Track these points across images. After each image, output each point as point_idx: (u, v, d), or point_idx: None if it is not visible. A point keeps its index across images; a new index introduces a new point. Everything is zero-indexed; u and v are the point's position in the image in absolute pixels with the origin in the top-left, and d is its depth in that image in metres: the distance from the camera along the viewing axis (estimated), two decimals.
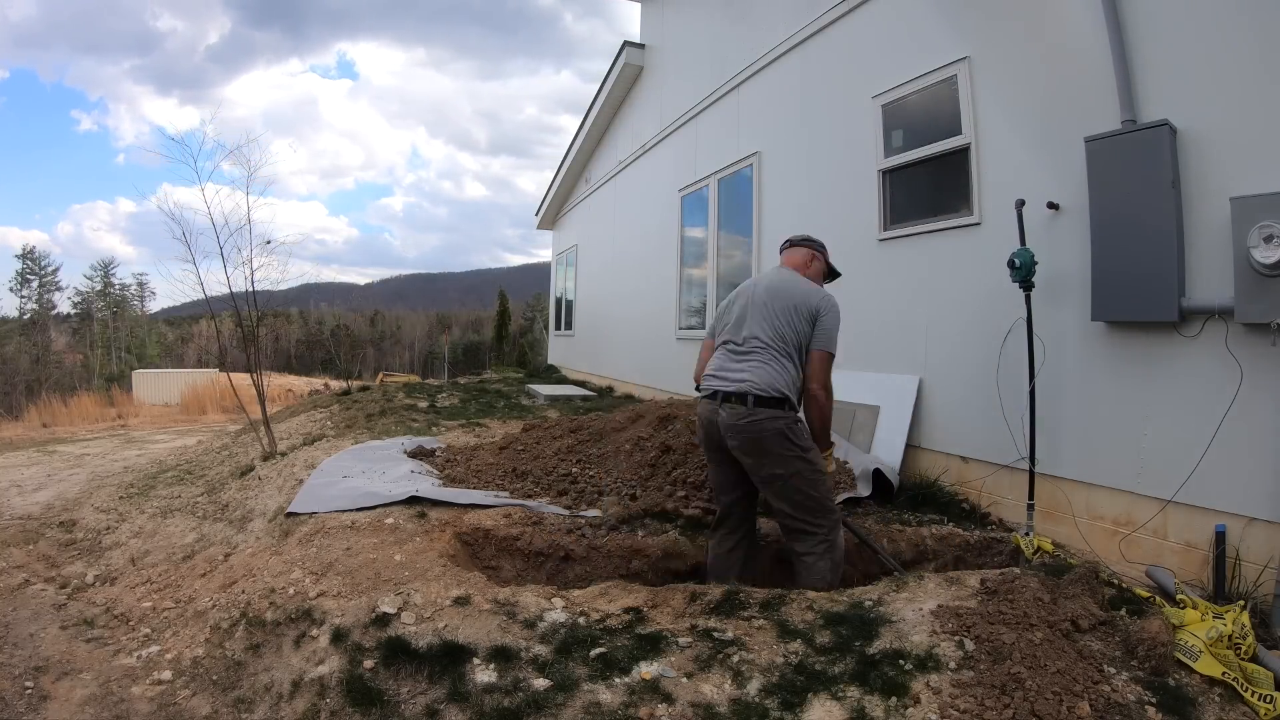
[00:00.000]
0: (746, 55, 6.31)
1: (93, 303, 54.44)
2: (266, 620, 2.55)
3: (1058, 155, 3.32)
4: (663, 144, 8.44)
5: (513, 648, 2.13)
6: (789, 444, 2.70)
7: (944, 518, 3.53)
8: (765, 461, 2.72)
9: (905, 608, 2.25)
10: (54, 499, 5.24)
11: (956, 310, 3.94)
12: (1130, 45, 2.99)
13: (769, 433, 2.69)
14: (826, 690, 1.88)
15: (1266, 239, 2.40)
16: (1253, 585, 2.51)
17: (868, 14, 4.76)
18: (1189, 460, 2.73)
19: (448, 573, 2.70)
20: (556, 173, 12.79)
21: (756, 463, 2.74)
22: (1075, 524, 3.20)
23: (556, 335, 14.06)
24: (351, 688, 2.06)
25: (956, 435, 3.94)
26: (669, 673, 1.99)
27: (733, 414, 2.73)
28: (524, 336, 42.36)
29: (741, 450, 2.75)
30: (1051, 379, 3.31)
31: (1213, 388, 2.68)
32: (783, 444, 2.70)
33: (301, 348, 61.68)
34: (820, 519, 2.75)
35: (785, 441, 2.70)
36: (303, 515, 3.45)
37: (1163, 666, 1.96)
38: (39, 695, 2.36)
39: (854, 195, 4.76)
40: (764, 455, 2.72)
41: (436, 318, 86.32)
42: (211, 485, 5.05)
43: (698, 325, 7.28)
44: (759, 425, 2.69)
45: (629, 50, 9.17)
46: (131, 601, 3.06)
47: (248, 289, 5.69)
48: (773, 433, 2.69)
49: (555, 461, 4.23)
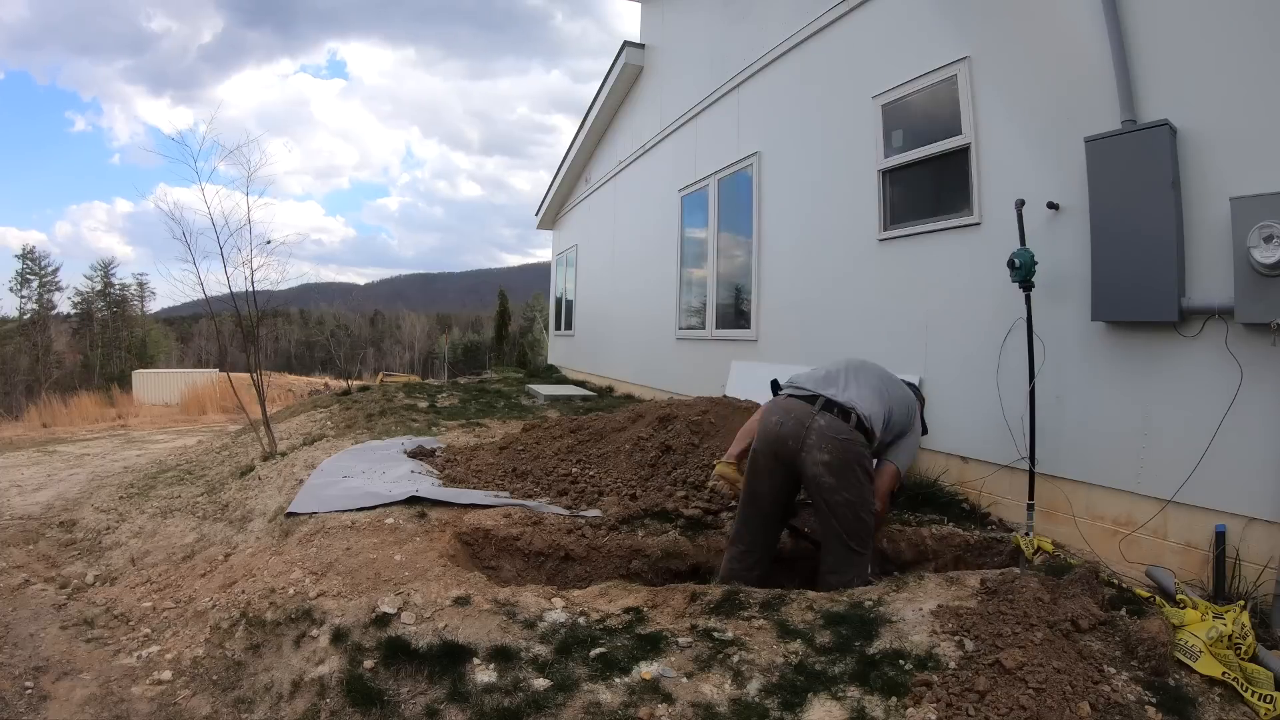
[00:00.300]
0: (747, 55, 6.31)
1: (93, 303, 54.43)
2: (266, 620, 2.55)
3: (1058, 155, 3.32)
4: (663, 144, 8.44)
5: (513, 648, 2.14)
6: (864, 474, 2.69)
7: (944, 518, 3.53)
8: (845, 484, 2.64)
9: (905, 608, 2.25)
10: (54, 499, 5.24)
11: (956, 310, 3.94)
12: (1130, 45, 2.99)
13: (857, 457, 2.67)
14: (827, 690, 1.88)
15: (1266, 239, 2.39)
16: (1253, 585, 2.51)
17: (868, 14, 4.76)
18: (1189, 460, 2.73)
19: (448, 573, 2.70)
20: (556, 173, 12.79)
21: (837, 483, 2.63)
22: (1075, 524, 3.20)
23: (556, 335, 14.06)
24: (351, 688, 2.06)
25: (956, 435, 3.93)
26: (669, 673, 1.99)
27: (833, 425, 2.66)
28: (524, 337, 42.37)
29: (829, 466, 2.62)
30: (1051, 379, 3.30)
31: (1213, 388, 2.68)
32: (864, 471, 2.69)
33: (301, 348, 61.70)
34: (867, 546, 2.73)
35: (865, 469, 2.70)
36: (303, 515, 3.45)
37: (1163, 666, 1.96)
38: (39, 695, 2.36)
39: (854, 195, 4.76)
40: (847, 476, 2.64)
41: (436, 318, 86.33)
42: (211, 485, 5.05)
43: (698, 325, 7.28)
44: (852, 445, 2.65)
45: (629, 50, 9.17)
46: (131, 601, 3.06)
47: (248, 289, 5.69)
48: (860, 458, 2.68)
49: (555, 461, 4.23)
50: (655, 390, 7.87)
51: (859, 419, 2.67)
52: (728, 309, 6.77)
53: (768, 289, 6.00)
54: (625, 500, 3.66)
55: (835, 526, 2.67)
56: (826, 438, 2.64)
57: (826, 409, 2.69)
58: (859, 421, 2.68)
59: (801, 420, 2.69)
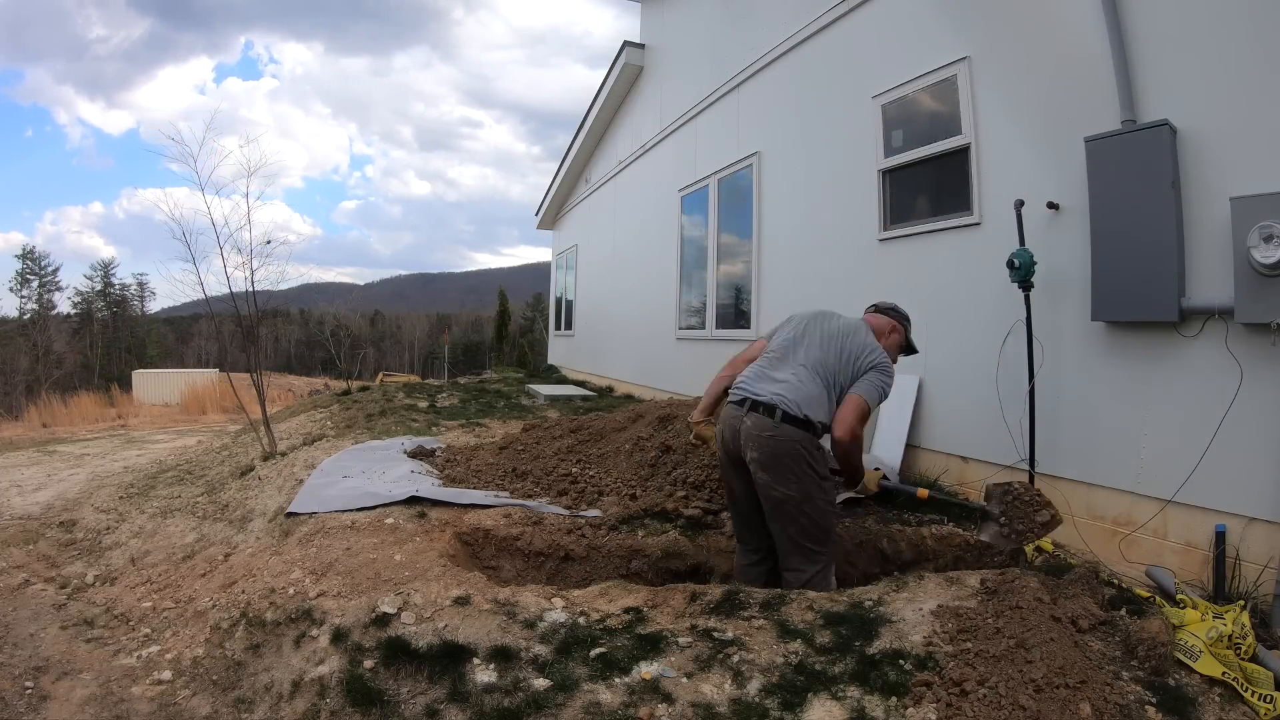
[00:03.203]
0: (746, 55, 6.31)
1: (93, 303, 54.44)
2: (266, 620, 2.55)
3: (1058, 155, 3.32)
4: (663, 144, 8.44)
5: (513, 648, 2.13)
6: (806, 467, 2.64)
7: (944, 518, 3.53)
8: (779, 480, 2.63)
9: (905, 608, 2.25)
10: (54, 499, 5.23)
11: (956, 310, 3.94)
12: (1130, 45, 2.99)
13: (788, 451, 2.62)
14: (827, 690, 1.88)
15: (1266, 239, 2.40)
16: (1253, 585, 2.51)
17: (868, 14, 4.76)
18: (1189, 460, 2.73)
19: (448, 573, 2.70)
20: (556, 173, 12.79)
21: (771, 479, 2.64)
22: (1075, 524, 3.20)
23: (556, 335, 14.06)
24: (351, 688, 2.06)
25: (956, 435, 3.93)
26: (669, 673, 1.99)
27: (757, 424, 2.66)
28: (524, 336, 42.37)
29: (759, 464, 2.65)
30: (1051, 379, 3.31)
31: (1213, 388, 2.68)
32: (799, 465, 2.63)
33: (301, 348, 61.69)
34: (824, 546, 2.70)
35: (802, 463, 2.63)
36: (303, 515, 3.45)
37: (1163, 666, 1.96)
38: (39, 695, 2.36)
39: (854, 195, 4.76)
40: (779, 472, 2.63)
41: (436, 318, 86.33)
42: (211, 485, 5.05)
43: (697, 325, 7.28)
44: (779, 441, 2.62)
45: (629, 50, 9.17)
46: (131, 601, 3.06)
47: (247, 289, 5.69)
48: (791, 452, 2.62)
49: (555, 461, 4.23)
50: (655, 390, 7.87)
51: (783, 413, 2.64)
52: (728, 309, 6.77)
53: (768, 289, 6.00)
54: (625, 500, 3.66)
55: (780, 523, 2.68)
56: (753, 437, 2.66)
57: (753, 409, 2.69)
58: (784, 415, 2.63)
59: (734, 426, 2.74)
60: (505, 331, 27.80)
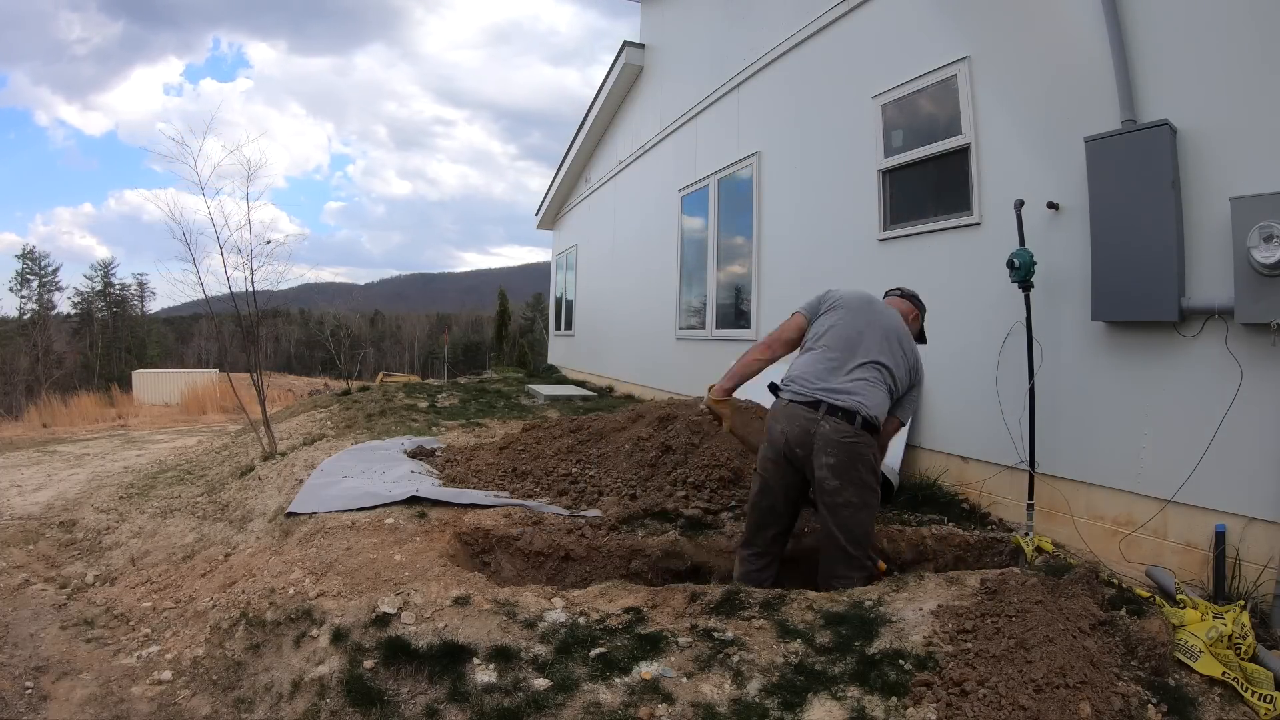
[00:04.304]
0: (746, 55, 6.31)
1: (93, 303, 54.45)
2: (266, 620, 2.55)
3: (1058, 155, 3.32)
4: (663, 144, 8.44)
5: (513, 648, 2.13)
6: (870, 473, 2.66)
7: (944, 518, 3.53)
8: (848, 484, 2.61)
9: (905, 608, 2.25)
10: (54, 499, 5.24)
11: (956, 310, 3.94)
12: (1130, 45, 2.99)
13: (862, 457, 2.62)
14: (827, 690, 1.88)
15: (1266, 239, 2.39)
16: (1253, 585, 2.51)
17: (867, 14, 4.76)
18: (1189, 460, 2.73)
19: (448, 573, 2.70)
20: (556, 173, 12.79)
21: (841, 484, 2.60)
22: (1075, 524, 3.20)
23: (556, 335, 14.06)
24: (351, 688, 2.06)
25: (956, 435, 3.93)
26: (669, 673, 1.99)
27: (837, 429, 2.61)
28: (524, 336, 42.36)
29: (833, 469, 2.60)
30: (1051, 379, 3.30)
31: (1213, 388, 2.68)
32: (867, 471, 2.65)
33: (301, 348, 61.70)
34: (868, 552, 2.72)
35: (869, 469, 2.65)
36: (303, 515, 3.45)
37: (1163, 666, 1.96)
38: (39, 695, 2.36)
39: (854, 195, 4.76)
40: (850, 477, 2.61)
41: (436, 318, 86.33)
42: (211, 485, 5.05)
43: (698, 325, 7.28)
44: (858, 446, 2.61)
45: (629, 50, 9.17)
46: (131, 601, 3.06)
47: (247, 289, 5.69)
48: (864, 458, 2.63)
49: (555, 461, 4.23)
50: (655, 390, 7.87)
51: (864, 420, 2.63)
52: (728, 309, 6.77)
53: (768, 289, 6.00)
54: (625, 500, 3.66)
55: (834, 528, 2.66)
56: (833, 442, 2.61)
57: (830, 413, 2.64)
58: (864, 422, 2.63)
59: (806, 428, 2.66)
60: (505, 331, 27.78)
